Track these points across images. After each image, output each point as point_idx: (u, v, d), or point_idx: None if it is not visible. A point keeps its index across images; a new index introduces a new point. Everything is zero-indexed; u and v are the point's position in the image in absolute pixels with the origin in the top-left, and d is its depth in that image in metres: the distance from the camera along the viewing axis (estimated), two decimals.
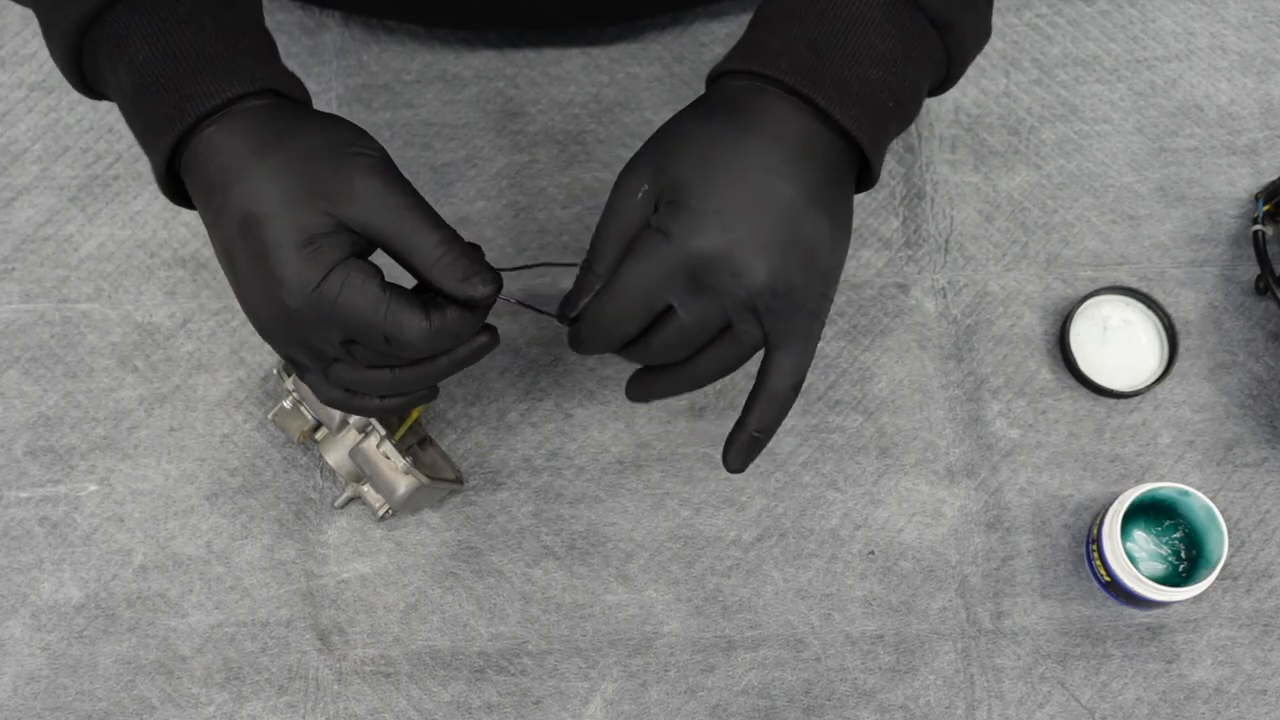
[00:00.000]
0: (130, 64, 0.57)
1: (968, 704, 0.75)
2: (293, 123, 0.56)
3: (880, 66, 0.57)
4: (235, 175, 0.55)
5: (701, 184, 0.56)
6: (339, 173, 0.54)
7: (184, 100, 0.56)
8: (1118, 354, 0.79)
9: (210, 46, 0.56)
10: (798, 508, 0.77)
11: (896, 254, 0.81)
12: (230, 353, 0.79)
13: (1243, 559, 0.76)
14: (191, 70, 0.56)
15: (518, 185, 0.81)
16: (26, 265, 0.80)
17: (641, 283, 0.56)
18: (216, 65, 0.56)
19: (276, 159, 0.55)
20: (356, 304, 0.54)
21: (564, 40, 0.83)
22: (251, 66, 0.57)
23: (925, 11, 0.58)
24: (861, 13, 0.57)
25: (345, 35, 0.83)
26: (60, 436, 0.78)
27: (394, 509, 0.73)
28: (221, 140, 0.56)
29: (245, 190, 0.54)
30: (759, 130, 0.57)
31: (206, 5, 0.57)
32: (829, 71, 0.56)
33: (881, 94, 0.57)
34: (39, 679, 0.75)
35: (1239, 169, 0.82)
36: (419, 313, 0.55)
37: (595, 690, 0.75)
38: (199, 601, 0.76)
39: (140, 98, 0.57)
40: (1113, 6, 0.85)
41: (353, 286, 0.54)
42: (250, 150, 0.55)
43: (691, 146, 0.57)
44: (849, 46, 0.57)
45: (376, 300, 0.54)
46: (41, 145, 0.82)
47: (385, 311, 0.54)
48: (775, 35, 0.58)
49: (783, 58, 0.57)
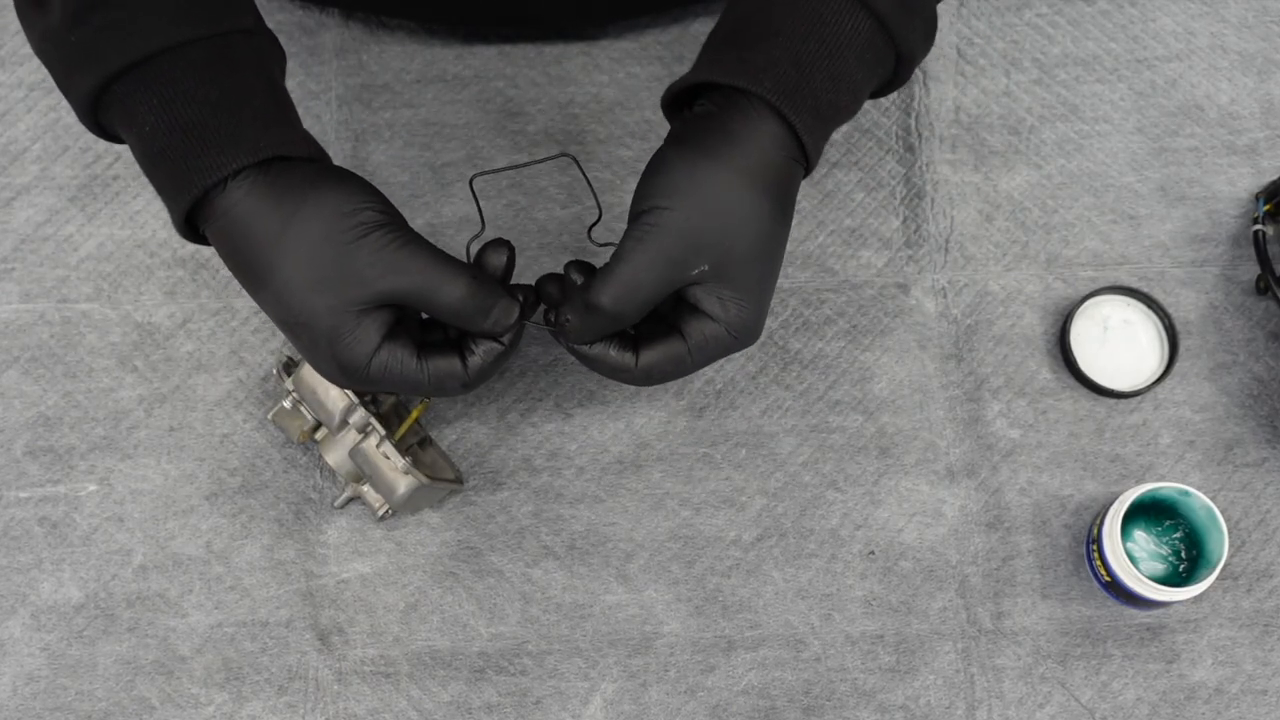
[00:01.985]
0: (139, 133, 0.60)
1: (968, 704, 0.75)
2: (299, 199, 0.59)
3: (850, 94, 0.61)
4: (259, 269, 0.60)
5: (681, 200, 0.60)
6: (354, 254, 0.59)
7: (191, 172, 0.59)
8: (1118, 354, 0.79)
9: (214, 118, 0.59)
10: (798, 508, 0.77)
11: (897, 254, 0.81)
12: (230, 353, 0.79)
13: (1243, 559, 0.76)
14: (197, 141, 0.59)
15: (517, 185, 0.81)
16: (26, 265, 0.80)
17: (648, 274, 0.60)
18: (221, 136, 0.59)
19: (293, 249, 0.59)
20: (399, 377, 0.61)
21: (564, 40, 0.83)
22: (256, 135, 0.59)
23: (895, 46, 0.61)
24: (847, 38, 0.60)
25: (345, 35, 0.83)
26: (60, 436, 0.78)
27: (394, 509, 0.73)
28: (233, 220, 0.59)
29: (274, 292, 0.60)
30: (726, 157, 0.60)
31: (211, 74, 0.60)
32: (808, 93, 0.60)
33: (842, 117, 0.62)
34: (39, 679, 0.75)
35: (1239, 169, 0.82)
36: (456, 363, 0.62)
37: (595, 690, 0.75)
38: (199, 601, 0.76)
39: (150, 165, 0.61)
40: (1113, 6, 0.85)
41: (393, 366, 0.61)
42: (266, 239, 0.59)
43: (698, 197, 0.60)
44: (831, 70, 0.60)
45: (416, 370, 0.61)
46: (41, 145, 0.82)
47: (426, 376, 0.61)
48: (759, 51, 0.60)
49: (767, 74, 0.59)
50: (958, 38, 0.84)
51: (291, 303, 0.59)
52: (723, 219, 0.59)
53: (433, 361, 0.61)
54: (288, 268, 0.59)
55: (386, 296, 0.59)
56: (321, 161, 0.62)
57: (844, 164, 0.82)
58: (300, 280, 0.59)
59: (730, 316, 0.60)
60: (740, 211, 0.59)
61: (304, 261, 0.59)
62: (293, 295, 0.59)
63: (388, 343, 0.60)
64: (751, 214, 0.59)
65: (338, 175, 0.61)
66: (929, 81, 0.83)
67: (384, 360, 0.60)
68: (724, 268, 0.60)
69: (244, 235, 0.59)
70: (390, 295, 0.59)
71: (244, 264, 0.60)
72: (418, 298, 0.60)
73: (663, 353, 0.62)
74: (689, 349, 0.61)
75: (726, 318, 0.60)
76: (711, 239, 0.59)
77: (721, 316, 0.60)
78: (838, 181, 0.82)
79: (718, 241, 0.59)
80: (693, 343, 0.61)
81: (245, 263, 0.60)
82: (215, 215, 0.60)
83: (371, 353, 0.60)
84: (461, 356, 0.62)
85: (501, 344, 0.62)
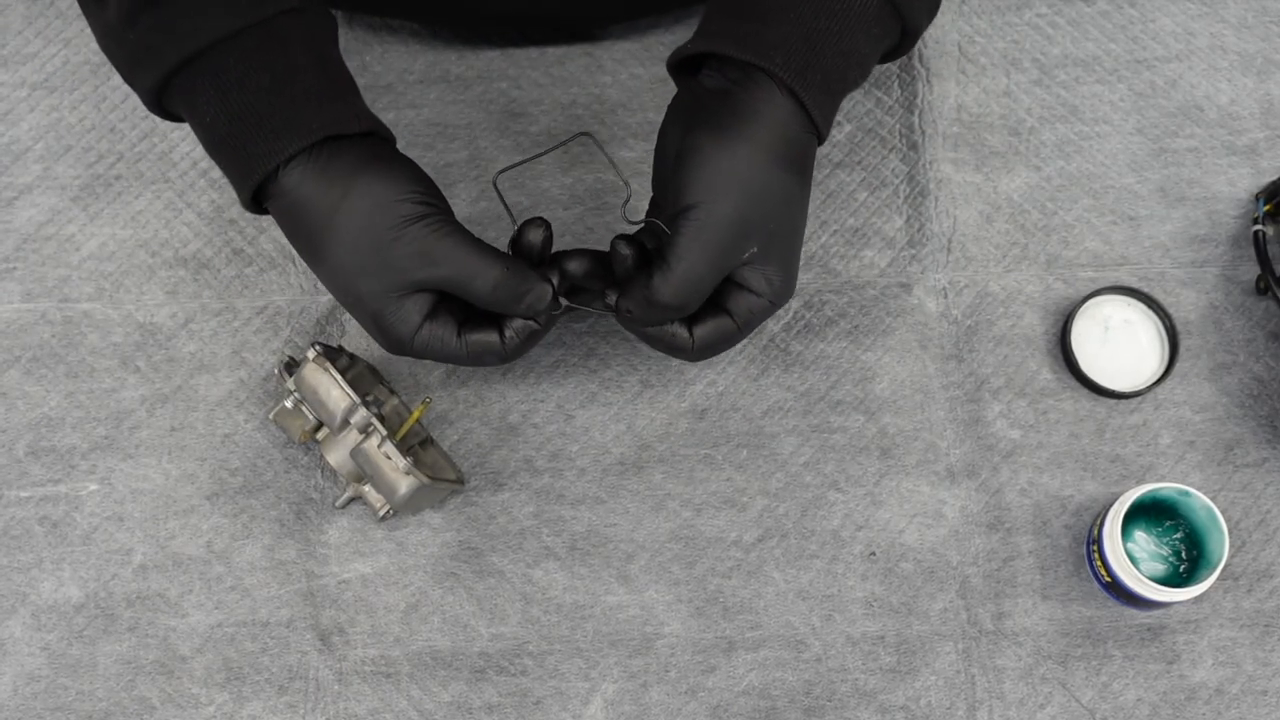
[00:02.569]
0: (200, 123, 0.64)
1: (969, 705, 0.75)
2: (346, 187, 0.62)
3: (858, 68, 0.64)
4: (313, 250, 0.64)
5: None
6: (393, 246, 0.62)
7: (251, 159, 0.62)
8: (1118, 354, 0.79)
9: (267, 104, 0.62)
10: (799, 508, 0.77)
11: (900, 253, 0.81)
12: (232, 353, 0.79)
13: (1243, 559, 0.76)
14: (253, 129, 0.62)
15: (520, 186, 0.81)
16: (28, 265, 0.80)
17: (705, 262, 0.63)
18: (275, 121, 0.62)
19: (339, 236, 0.62)
20: (441, 351, 0.65)
21: (567, 41, 0.84)
22: (309, 117, 0.62)
23: (903, 20, 0.65)
24: (857, 13, 0.62)
25: (349, 36, 0.84)
26: (61, 436, 0.78)
27: (395, 509, 0.73)
28: (289, 204, 0.63)
29: (327, 272, 0.64)
30: (755, 139, 0.62)
31: (262, 60, 0.62)
32: (818, 70, 0.62)
33: (849, 89, 0.65)
34: (39, 679, 0.75)
35: (1239, 169, 0.82)
36: (495, 338, 0.65)
37: (596, 691, 0.75)
38: (199, 601, 0.76)
39: (214, 152, 0.64)
40: (1113, 7, 0.85)
41: (434, 343, 0.65)
42: (317, 224, 0.63)
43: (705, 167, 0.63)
44: (840, 46, 0.62)
45: (456, 346, 0.65)
46: (44, 144, 0.82)
47: (466, 351, 0.65)
48: (771, 26, 0.62)
49: (779, 51, 0.62)
50: (959, 35, 0.84)
51: (341, 284, 0.64)
52: (764, 203, 0.62)
53: (473, 337, 0.65)
54: (335, 253, 0.63)
55: (424, 284, 0.63)
56: (375, 137, 0.65)
57: (847, 164, 0.82)
58: (347, 265, 0.63)
59: (774, 289, 0.64)
60: (778, 193, 0.62)
61: (348, 248, 0.62)
62: (341, 278, 0.63)
63: (429, 321, 0.64)
64: (786, 194, 0.63)
65: (385, 160, 0.64)
66: (932, 79, 0.83)
67: (425, 338, 0.64)
68: (768, 248, 0.63)
69: (299, 218, 0.63)
70: (427, 283, 0.63)
71: (301, 244, 0.65)
72: (454, 286, 0.63)
73: (715, 329, 0.65)
74: (737, 325, 0.65)
75: (771, 291, 0.64)
76: (757, 224, 0.62)
77: (766, 291, 0.64)
78: (840, 181, 0.82)
79: (762, 225, 0.62)
80: (740, 319, 0.65)
81: (301, 243, 0.64)
82: (274, 196, 0.63)
83: (414, 332, 0.64)
84: (500, 332, 0.66)
85: (537, 324, 0.66)
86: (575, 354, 0.79)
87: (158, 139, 0.82)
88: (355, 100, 0.65)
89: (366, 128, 0.64)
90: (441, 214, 0.64)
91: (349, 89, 0.65)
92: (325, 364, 0.72)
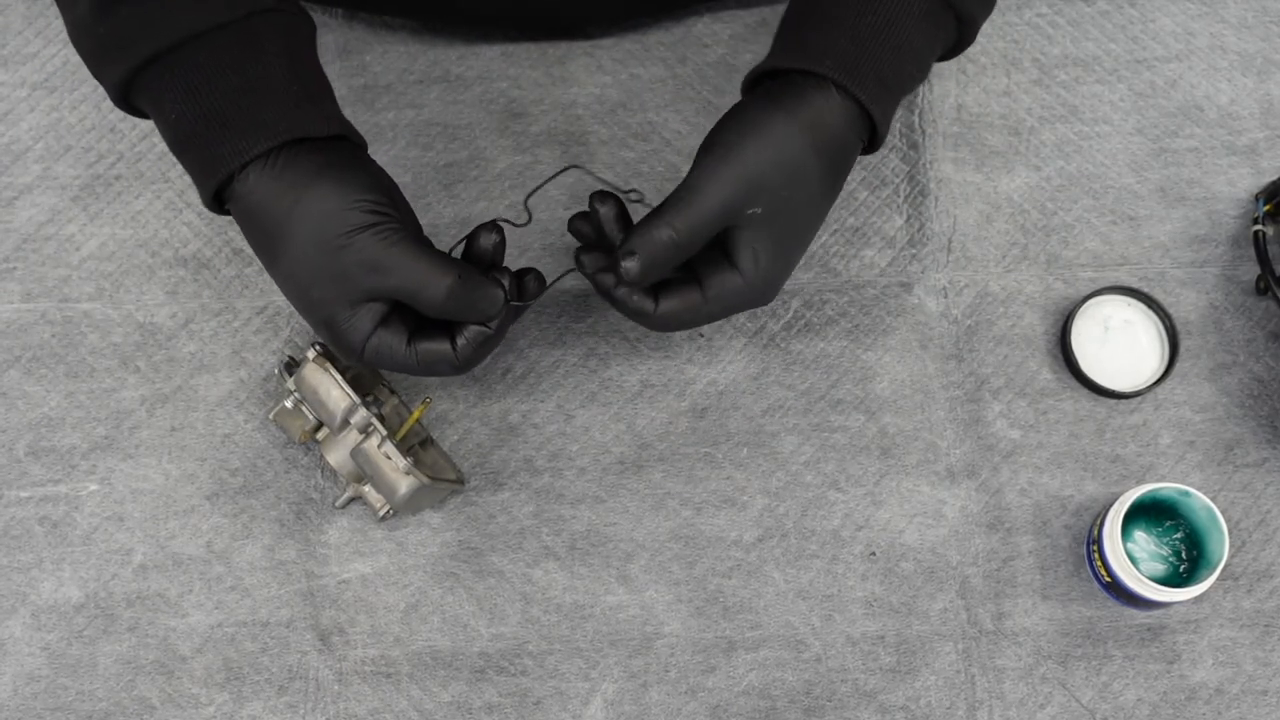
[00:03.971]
0: (165, 120, 0.63)
1: (969, 705, 0.75)
2: (299, 193, 0.61)
3: (914, 62, 0.65)
4: (267, 253, 0.63)
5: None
6: (342, 256, 0.61)
7: (213, 160, 0.62)
8: (1118, 354, 0.79)
9: (233, 105, 0.61)
10: (799, 508, 0.77)
11: (901, 252, 0.81)
12: (232, 353, 0.79)
13: (1243, 559, 0.76)
14: (217, 129, 0.61)
15: (520, 186, 0.81)
16: (28, 265, 0.80)
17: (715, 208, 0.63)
18: (240, 123, 0.61)
19: (291, 243, 0.62)
20: (391, 360, 0.64)
21: (567, 40, 0.84)
22: (274, 119, 0.61)
23: (955, 10, 0.65)
24: (903, 8, 0.63)
25: (348, 36, 0.84)
26: (61, 436, 0.78)
27: (395, 509, 0.73)
28: (247, 206, 0.63)
29: (280, 276, 0.63)
30: (797, 116, 0.63)
31: (233, 60, 0.62)
32: (870, 65, 0.63)
33: (911, 84, 0.66)
34: (39, 679, 0.75)
35: (1239, 169, 0.82)
36: (447, 347, 0.64)
37: (596, 691, 0.75)
38: (199, 601, 0.76)
39: (177, 150, 0.64)
40: (1113, 6, 0.85)
41: (384, 352, 0.64)
42: (271, 229, 0.62)
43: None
44: (891, 41, 0.63)
45: (406, 355, 0.64)
46: (43, 144, 0.82)
47: (416, 360, 0.64)
48: (820, 33, 0.63)
49: (828, 55, 0.63)
50: None
51: (294, 291, 0.64)
52: (785, 167, 0.62)
53: (423, 346, 0.64)
54: (287, 260, 0.62)
55: (374, 293, 0.63)
56: (344, 141, 0.64)
57: None
58: (298, 273, 0.63)
59: (758, 270, 0.64)
60: (801, 164, 0.63)
61: (299, 256, 0.62)
62: (294, 285, 0.63)
63: (380, 330, 0.64)
64: (807, 171, 0.63)
65: (342, 166, 0.62)
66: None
67: (375, 346, 0.64)
68: (773, 214, 0.63)
69: (254, 222, 0.63)
70: (377, 293, 0.62)
71: (256, 246, 0.64)
72: (404, 296, 0.63)
73: (681, 301, 0.65)
74: (704, 299, 0.65)
75: (754, 271, 0.64)
76: (772, 183, 0.62)
77: (749, 269, 0.64)
78: None
79: (776, 187, 0.62)
80: (709, 294, 0.64)
81: (257, 246, 0.64)
82: (234, 198, 0.63)
83: (364, 340, 0.64)
84: (452, 341, 0.65)
85: (489, 329, 0.65)
86: (575, 354, 0.79)
87: (158, 139, 0.82)
88: (326, 103, 0.64)
89: (334, 131, 0.63)
90: (393, 222, 0.62)
91: (322, 92, 0.65)
92: (325, 364, 0.72)
